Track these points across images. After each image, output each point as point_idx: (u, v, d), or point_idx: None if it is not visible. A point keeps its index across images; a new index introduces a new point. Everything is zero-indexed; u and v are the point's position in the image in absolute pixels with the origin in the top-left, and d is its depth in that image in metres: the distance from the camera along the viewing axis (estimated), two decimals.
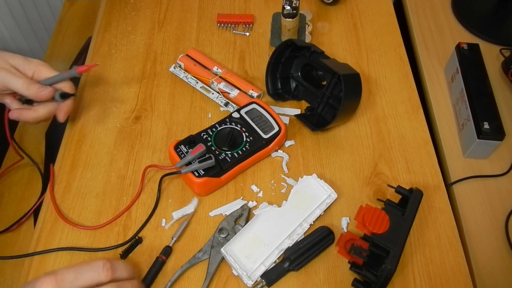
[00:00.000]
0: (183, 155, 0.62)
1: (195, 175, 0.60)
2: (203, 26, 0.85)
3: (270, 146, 0.66)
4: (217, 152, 0.63)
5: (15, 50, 1.26)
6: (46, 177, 0.72)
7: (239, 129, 0.66)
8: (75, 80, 0.80)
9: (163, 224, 0.61)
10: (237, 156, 0.63)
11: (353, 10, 0.89)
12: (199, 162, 0.60)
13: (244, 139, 0.65)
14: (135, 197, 0.63)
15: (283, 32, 0.78)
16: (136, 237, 0.59)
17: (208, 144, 0.64)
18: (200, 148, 0.61)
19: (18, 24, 1.17)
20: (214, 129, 0.66)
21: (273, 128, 0.66)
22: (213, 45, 0.81)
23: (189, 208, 0.62)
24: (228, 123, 0.67)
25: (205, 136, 0.65)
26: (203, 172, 0.61)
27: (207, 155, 0.61)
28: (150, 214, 0.61)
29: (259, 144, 0.65)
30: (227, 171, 0.63)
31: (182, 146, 0.63)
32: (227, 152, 0.63)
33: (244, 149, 0.64)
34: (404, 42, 0.84)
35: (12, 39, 1.24)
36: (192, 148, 0.62)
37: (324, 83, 0.71)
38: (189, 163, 0.61)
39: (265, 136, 0.66)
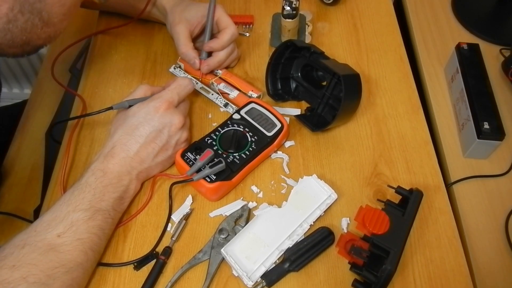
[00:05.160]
0: (191, 162, 0.62)
1: (207, 180, 0.60)
2: None
3: (275, 142, 0.66)
4: (224, 155, 0.63)
5: None
6: (47, 178, 0.72)
7: (242, 130, 0.66)
8: (75, 80, 0.80)
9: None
10: (244, 156, 0.63)
11: (353, 10, 0.89)
12: (210, 167, 0.60)
13: (249, 139, 0.65)
14: (144, 204, 0.62)
15: (283, 32, 0.78)
16: (154, 252, 0.58)
17: (214, 148, 0.64)
18: (209, 153, 0.61)
19: None
20: (217, 133, 0.66)
21: (276, 125, 0.66)
22: None
23: (185, 207, 0.62)
24: (230, 125, 0.67)
25: (209, 140, 0.65)
26: (214, 177, 0.60)
27: (216, 160, 0.61)
28: (164, 227, 0.60)
29: (264, 142, 0.65)
30: (238, 173, 0.62)
31: (189, 154, 0.63)
32: (234, 154, 0.63)
33: (250, 149, 0.64)
34: (404, 42, 0.84)
35: None
36: (198, 154, 0.62)
37: (324, 83, 0.71)
38: (199, 170, 0.61)
39: (269, 134, 0.66)
